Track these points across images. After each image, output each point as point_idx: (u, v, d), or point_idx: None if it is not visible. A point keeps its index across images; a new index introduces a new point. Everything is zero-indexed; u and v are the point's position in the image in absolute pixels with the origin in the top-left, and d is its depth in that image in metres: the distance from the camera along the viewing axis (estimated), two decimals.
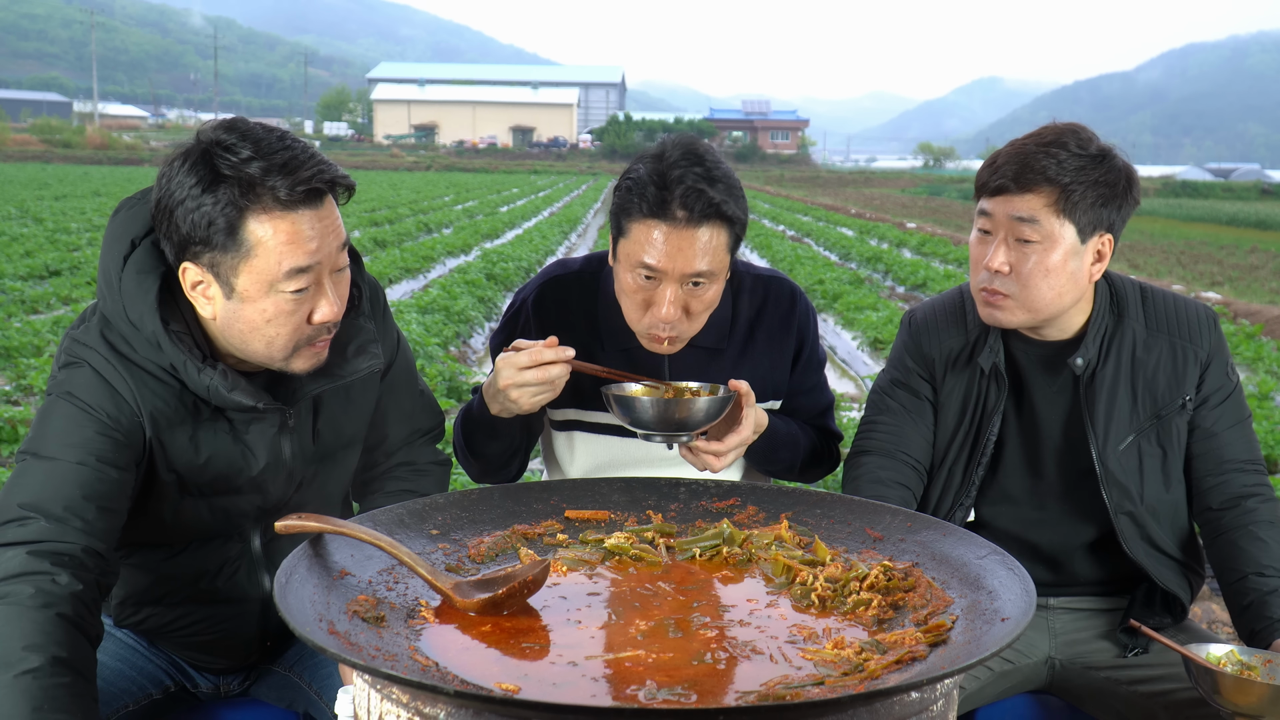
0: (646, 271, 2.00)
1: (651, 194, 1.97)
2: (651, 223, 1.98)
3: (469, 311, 10.69)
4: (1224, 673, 1.74)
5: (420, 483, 2.09)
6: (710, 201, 1.96)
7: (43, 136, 78.58)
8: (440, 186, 46.12)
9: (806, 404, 2.34)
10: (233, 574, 1.92)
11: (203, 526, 1.85)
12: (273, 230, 1.63)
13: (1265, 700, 1.71)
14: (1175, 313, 2.13)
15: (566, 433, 2.27)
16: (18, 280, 11.95)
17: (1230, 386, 2.13)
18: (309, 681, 2.05)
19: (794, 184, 67.38)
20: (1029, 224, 1.97)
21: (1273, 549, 2.02)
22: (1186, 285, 16.36)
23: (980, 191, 2.05)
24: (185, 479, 1.78)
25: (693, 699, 1.19)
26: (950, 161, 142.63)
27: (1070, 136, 1.99)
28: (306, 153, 1.65)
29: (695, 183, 1.96)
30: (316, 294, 1.70)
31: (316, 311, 1.70)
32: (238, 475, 1.82)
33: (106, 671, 1.91)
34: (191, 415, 1.76)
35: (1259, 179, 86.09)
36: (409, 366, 2.10)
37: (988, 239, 2.03)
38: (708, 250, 1.98)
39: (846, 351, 10.14)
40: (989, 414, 2.14)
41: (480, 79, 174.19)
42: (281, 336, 1.71)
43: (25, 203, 25.54)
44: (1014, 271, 2.00)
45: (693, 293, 2.03)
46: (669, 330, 2.05)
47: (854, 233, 25.11)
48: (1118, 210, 2.00)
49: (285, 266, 1.64)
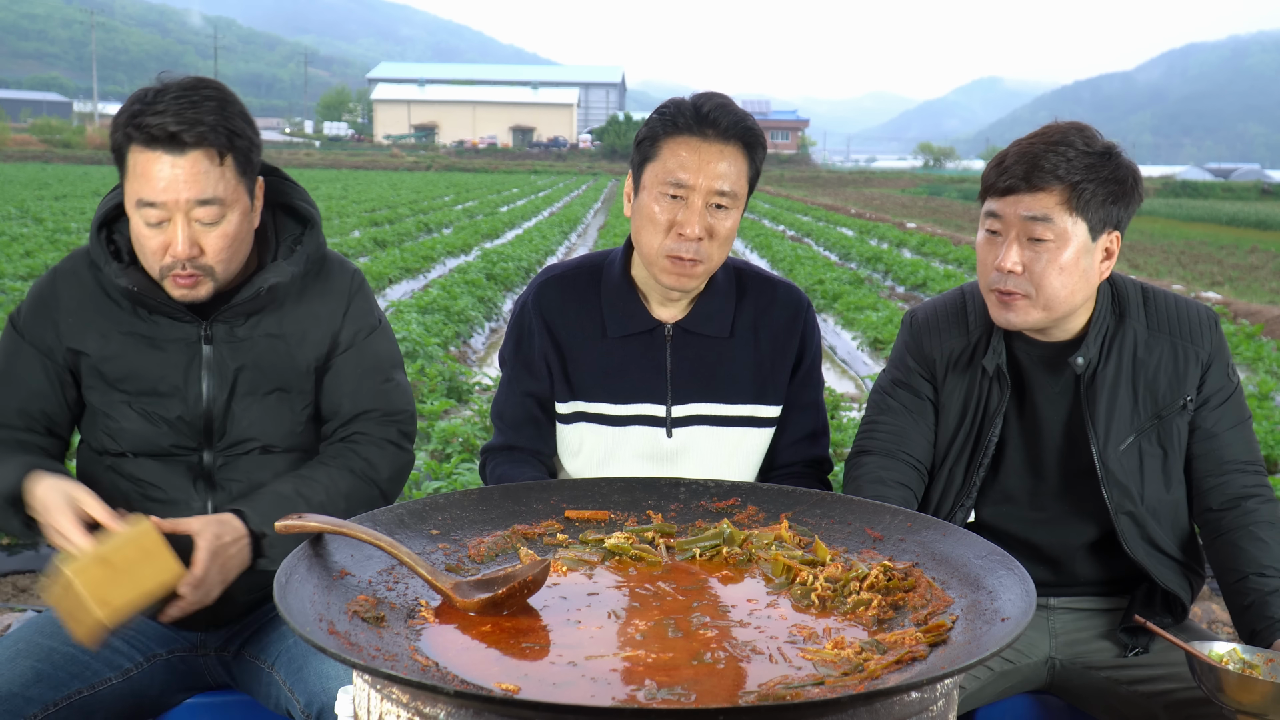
0: (674, 189, 2.09)
1: (688, 111, 2.11)
2: (684, 138, 2.10)
3: (469, 311, 10.70)
4: (1228, 671, 1.74)
5: (354, 451, 2.13)
6: (741, 120, 2.10)
7: (43, 136, 78.65)
8: (440, 186, 46.13)
9: (802, 422, 2.33)
10: (178, 488, 2.06)
11: (145, 432, 2.05)
12: (132, 162, 1.90)
13: (1268, 698, 1.72)
14: (1177, 313, 2.13)
15: (574, 425, 2.29)
16: (18, 280, 11.94)
17: (1230, 388, 2.13)
18: (284, 678, 2.05)
19: (794, 184, 67.40)
20: (1041, 222, 1.96)
21: (1273, 549, 2.02)
22: (1186, 285, 16.36)
23: (988, 192, 2.04)
24: (105, 376, 2.05)
25: (693, 699, 1.19)
26: (950, 161, 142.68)
27: (1075, 134, 1.99)
28: (186, 107, 1.87)
29: (727, 104, 2.12)
30: (170, 231, 1.92)
31: (169, 248, 1.92)
32: (157, 380, 2.05)
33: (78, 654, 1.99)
34: (109, 317, 2.04)
35: (1259, 179, 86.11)
36: (374, 352, 2.18)
37: (997, 240, 2.03)
38: (733, 170, 2.10)
39: (846, 351, 10.14)
40: (991, 415, 2.14)
41: (480, 79, 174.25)
42: (146, 255, 1.96)
43: (25, 203, 25.54)
44: (1027, 271, 1.99)
45: (716, 215, 2.11)
46: (693, 251, 2.10)
47: (854, 233, 25.12)
48: (1125, 208, 2.00)
49: (136, 195, 1.91)
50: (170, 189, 1.88)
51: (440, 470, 5.18)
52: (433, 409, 6.39)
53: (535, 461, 2.30)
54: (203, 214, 1.91)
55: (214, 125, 1.88)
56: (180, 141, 1.86)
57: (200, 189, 1.89)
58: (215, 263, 1.95)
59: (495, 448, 2.33)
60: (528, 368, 2.28)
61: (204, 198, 1.89)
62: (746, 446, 2.29)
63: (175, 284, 1.96)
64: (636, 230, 2.17)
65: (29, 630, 2.02)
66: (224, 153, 1.90)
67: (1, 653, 1.96)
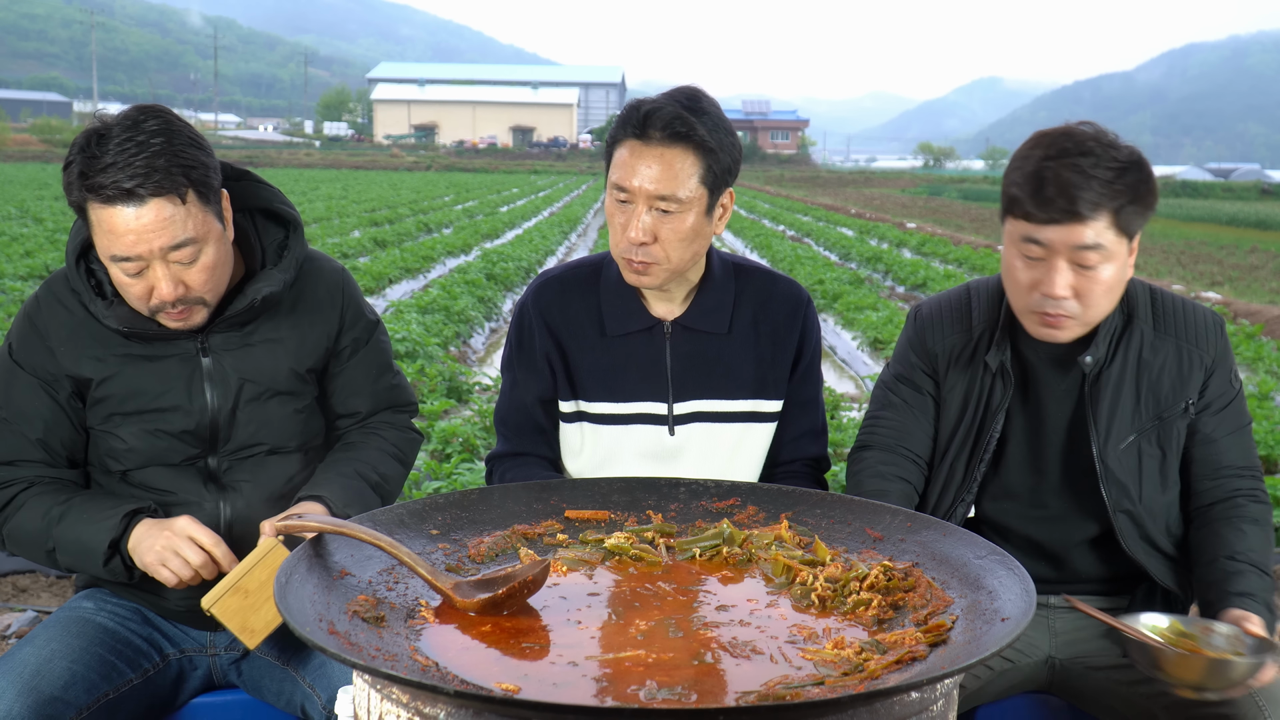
0: (619, 193, 2.09)
1: (635, 114, 2.09)
2: (629, 142, 2.09)
3: (469, 311, 10.69)
4: (1164, 648, 1.72)
5: (383, 436, 2.24)
6: (683, 123, 2.05)
7: (43, 136, 78.61)
8: (440, 186, 46.13)
9: (803, 418, 2.34)
10: (190, 491, 2.07)
11: (150, 449, 2.05)
12: (95, 219, 1.86)
13: (1205, 672, 1.70)
14: (1184, 316, 2.13)
15: (575, 424, 2.29)
16: (18, 280, 11.94)
17: (1232, 393, 2.14)
18: (303, 675, 2.07)
19: (794, 184, 67.40)
20: (1093, 250, 1.93)
21: (1250, 539, 2.04)
22: (1186, 285, 16.35)
23: (1025, 219, 1.95)
24: (108, 398, 2.03)
25: (693, 699, 1.19)
26: (950, 161, 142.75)
27: (1102, 148, 1.92)
28: (134, 154, 1.80)
29: (674, 109, 2.07)
30: (151, 276, 1.89)
31: (154, 293, 1.90)
32: (160, 396, 2.04)
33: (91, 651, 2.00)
34: (102, 341, 2.02)
35: (1259, 179, 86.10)
36: (381, 350, 2.26)
37: (1036, 264, 1.97)
38: (675, 174, 2.05)
39: (846, 351, 10.14)
40: (993, 411, 2.14)
41: (480, 79, 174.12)
42: (133, 300, 1.94)
43: (25, 203, 25.53)
44: (1075, 294, 1.97)
45: (663, 220, 2.08)
46: (639, 254, 2.10)
47: (854, 233, 25.12)
48: (1150, 210, 1.99)
49: (107, 251, 1.87)
50: (140, 242, 1.84)
51: (440, 470, 5.18)
52: (433, 409, 6.39)
53: (543, 466, 2.30)
54: (179, 255, 1.87)
55: (166, 169, 1.81)
56: (137, 195, 1.81)
57: (171, 235, 1.84)
58: (204, 293, 1.94)
59: (502, 454, 2.34)
60: (531, 368, 2.29)
61: (176, 243, 1.85)
62: (749, 443, 2.29)
63: (169, 318, 1.95)
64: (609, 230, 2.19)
65: (58, 628, 2.02)
66: (183, 191, 1.85)
67: (39, 651, 1.95)
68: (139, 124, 1.83)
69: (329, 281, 2.18)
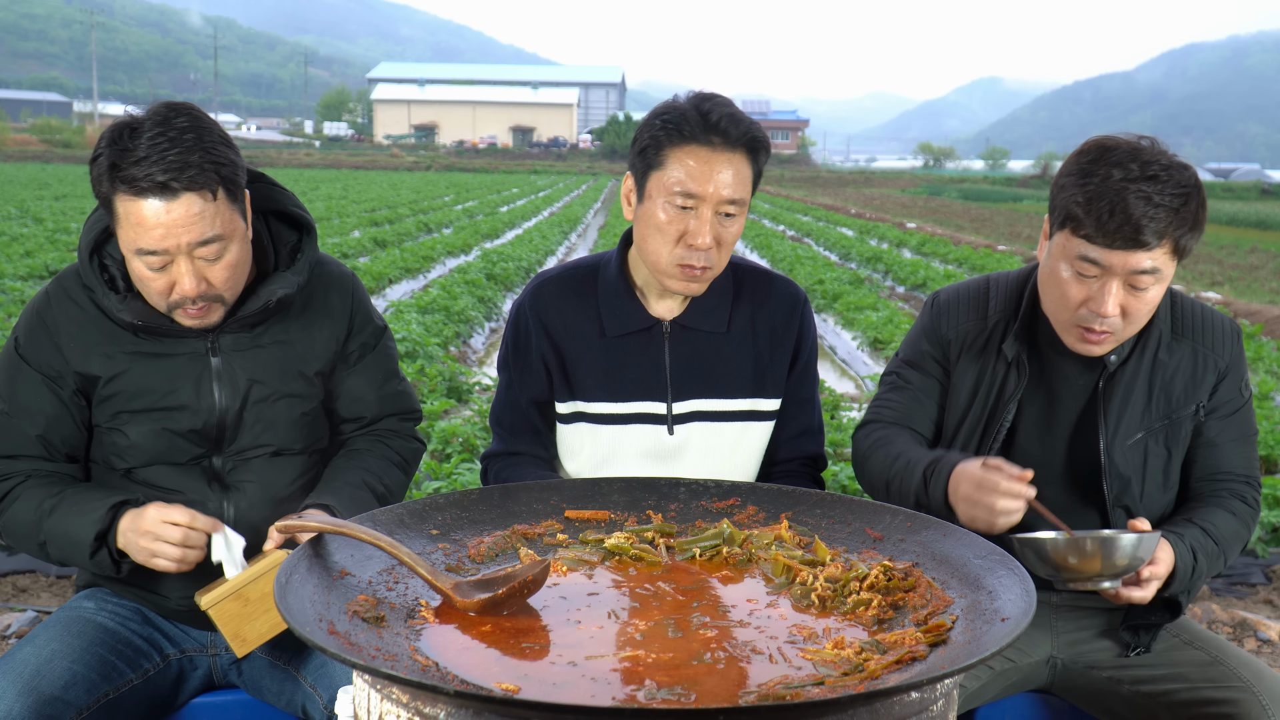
0: (684, 200, 2.08)
1: (694, 119, 2.08)
2: (691, 148, 2.08)
3: (469, 311, 10.69)
4: (1051, 539, 1.78)
5: (387, 444, 2.25)
6: (747, 128, 2.09)
7: (43, 136, 78.64)
8: (440, 186, 46.13)
9: (799, 418, 2.35)
10: (195, 490, 2.06)
11: (155, 447, 2.05)
12: (124, 212, 1.86)
13: (1091, 554, 1.76)
14: (1201, 320, 2.15)
15: (573, 425, 2.29)
16: (18, 280, 11.94)
17: (1240, 401, 2.15)
18: (304, 675, 2.07)
19: (794, 184, 67.41)
20: (1150, 274, 1.94)
21: (1220, 520, 2.07)
22: (1187, 285, 16.35)
23: (1088, 240, 1.93)
24: (117, 395, 2.03)
25: (693, 699, 1.19)
26: (950, 161, 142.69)
27: (1168, 174, 1.90)
28: (167, 148, 1.80)
29: (732, 111, 2.10)
30: (174, 271, 1.89)
31: (175, 287, 1.91)
32: (168, 395, 2.04)
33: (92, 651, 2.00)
34: (112, 338, 2.02)
35: (1259, 179, 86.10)
36: (388, 356, 2.27)
37: (1088, 281, 1.97)
38: (740, 178, 2.09)
39: (846, 351, 10.13)
40: (1005, 400, 2.15)
41: (480, 79, 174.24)
42: (152, 295, 1.94)
43: (25, 203, 25.53)
44: (1124, 312, 1.98)
45: (723, 224, 2.11)
46: (704, 260, 2.10)
47: (854, 233, 25.12)
48: (1200, 234, 1.99)
49: (133, 245, 1.87)
50: (169, 236, 1.84)
51: (440, 470, 5.18)
52: (433, 409, 6.39)
53: (538, 465, 2.31)
54: (205, 252, 1.88)
55: (200, 164, 1.82)
56: (170, 188, 1.81)
57: (200, 231, 1.85)
58: (224, 290, 1.95)
59: (496, 453, 2.34)
60: (526, 370, 2.29)
61: (204, 238, 1.86)
62: (748, 442, 2.30)
63: (186, 315, 1.96)
64: (642, 238, 2.16)
65: (58, 628, 2.02)
66: (214, 188, 1.86)
67: (39, 651, 1.95)
68: (169, 120, 1.84)
69: (339, 286, 2.19)
